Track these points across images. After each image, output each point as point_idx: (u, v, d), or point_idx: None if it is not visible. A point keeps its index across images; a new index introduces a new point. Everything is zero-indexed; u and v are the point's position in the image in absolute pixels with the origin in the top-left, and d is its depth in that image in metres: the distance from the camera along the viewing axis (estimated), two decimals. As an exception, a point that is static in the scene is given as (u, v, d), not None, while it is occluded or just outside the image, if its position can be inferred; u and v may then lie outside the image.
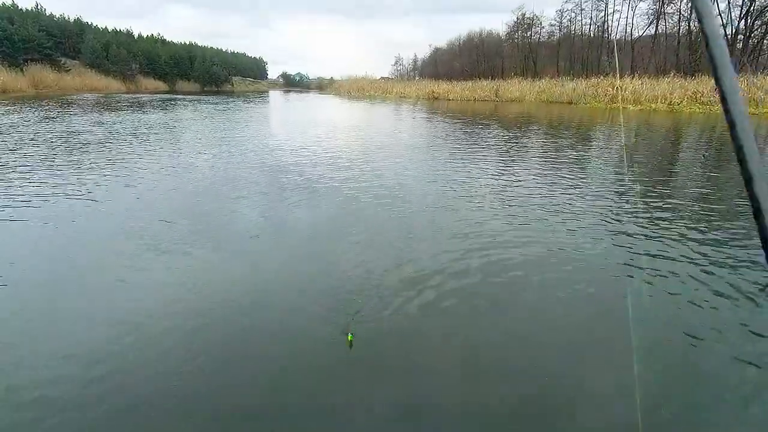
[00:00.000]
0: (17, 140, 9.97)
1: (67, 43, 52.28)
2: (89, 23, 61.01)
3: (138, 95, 38.59)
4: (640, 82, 28.41)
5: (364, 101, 37.84)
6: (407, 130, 15.26)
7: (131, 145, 9.89)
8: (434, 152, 10.01)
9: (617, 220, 4.94)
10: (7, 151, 8.56)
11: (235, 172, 7.36)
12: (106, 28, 64.22)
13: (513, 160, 8.87)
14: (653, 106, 24.76)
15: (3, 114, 16.06)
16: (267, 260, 3.84)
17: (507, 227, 4.70)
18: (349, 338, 2.30)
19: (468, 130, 14.32)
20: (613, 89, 28.22)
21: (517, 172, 7.60)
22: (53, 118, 15.50)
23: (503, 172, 7.64)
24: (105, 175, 6.80)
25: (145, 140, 10.75)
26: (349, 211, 5.27)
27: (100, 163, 7.72)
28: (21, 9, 50.79)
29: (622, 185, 6.70)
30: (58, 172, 6.96)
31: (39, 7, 54.69)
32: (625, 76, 31.58)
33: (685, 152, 10.51)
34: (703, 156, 9.76)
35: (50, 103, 22.73)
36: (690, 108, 23.20)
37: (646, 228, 4.68)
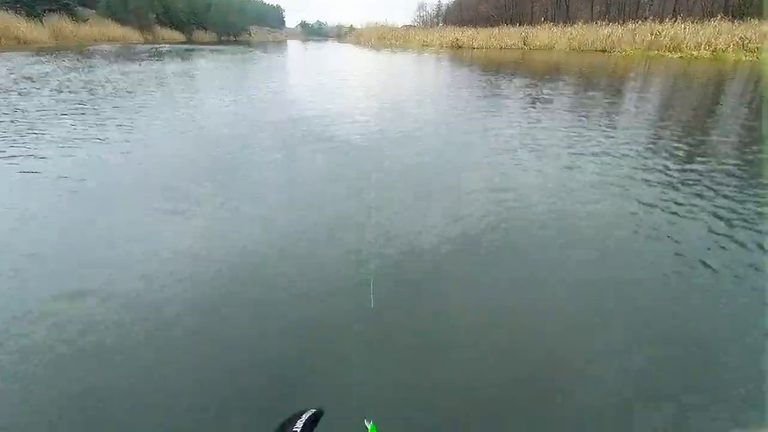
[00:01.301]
0: (51, 89, 10.05)
1: (83, -9, 51.23)
2: (104, -30, 59.40)
3: (156, 45, 38.10)
4: (682, 26, 26.29)
5: (385, 51, 36.44)
6: (425, 85, 14.71)
7: (156, 96, 9.86)
8: (451, 107, 9.65)
9: (644, 180, 4.71)
10: (42, 100, 8.64)
11: (257, 122, 7.28)
12: (121, -25, 62.47)
13: (537, 115, 8.48)
14: (695, 53, 23.03)
15: (31, 65, 16.14)
16: (289, 208, 3.84)
17: (530, 179, 4.56)
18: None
19: (491, 84, 13.70)
20: (651, 35, 26.25)
21: (541, 127, 7.27)
22: (79, 68, 15.51)
23: (526, 126, 7.32)
24: (131, 126, 6.83)
25: (168, 90, 10.69)
26: (369, 160, 5.18)
27: (126, 114, 7.75)
28: (35, -45, 49.67)
29: (653, 142, 6.35)
30: (89, 121, 7.03)
31: (53, -47, 53.32)
32: (667, 19, 29.25)
33: (724, 106, 9.83)
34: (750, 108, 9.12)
35: (72, 54, 22.69)
36: (736, 55, 21.48)
37: (672, 187, 4.46)
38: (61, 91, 10.12)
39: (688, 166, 5.05)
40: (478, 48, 37.07)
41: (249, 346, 2.26)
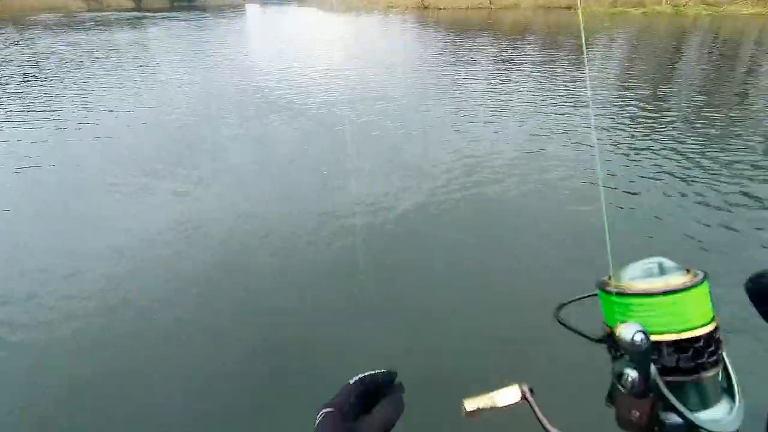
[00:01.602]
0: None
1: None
2: (34, -71, 53.95)
3: (102, 13, 35.39)
4: (645, -18, 26.35)
5: (349, 13, 35.13)
6: (393, 47, 14.33)
7: (105, 69, 9.20)
8: (419, 67, 9.46)
9: (603, 129, 4.79)
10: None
11: (217, 96, 6.93)
12: (53, -66, 56.95)
13: (503, 76, 8.42)
14: (657, 8, 23.21)
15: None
16: (263, 177, 3.72)
17: (492, 137, 4.55)
18: None
19: (457, 44, 13.46)
20: (615, -10, 26.18)
21: (505, 85, 7.24)
22: (18, 41, 14.24)
23: (492, 85, 7.27)
24: (79, 102, 6.37)
25: (117, 62, 9.98)
26: (334, 125, 5.04)
27: (73, 89, 7.21)
28: None
29: (611, 99, 6.43)
30: (36, 100, 6.51)
31: None
32: (630, -26, 29.17)
33: (682, 63, 10.01)
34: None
35: (9, 26, 20.82)
36: (696, 9, 21.79)
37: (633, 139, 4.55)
38: (3, 67, 9.32)
39: (646, 114, 5.15)
40: (444, 9, 36.19)
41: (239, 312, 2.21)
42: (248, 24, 27.15)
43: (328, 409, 0.47)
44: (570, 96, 6.54)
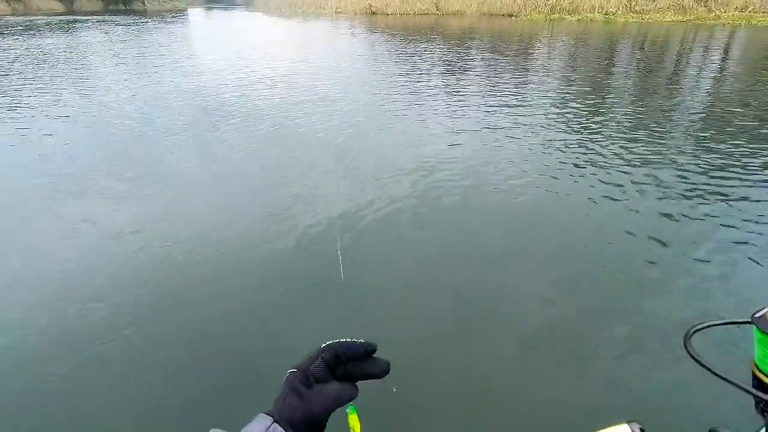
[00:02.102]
0: None
1: None
2: (-56, -75, 49.43)
3: (29, 17, 32.94)
4: (577, -9, 28.08)
5: (297, 18, 34.82)
6: (345, 52, 14.36)
7: (34, 75, 8.57)
8: (371, 71, 9.56)
9: (545, 127, 5.07)
10: None
11: (158, 109, 6.65)
12: (-32, -69, 52.43)
13: (450, 79, 8.68)
14: (590, 15, 24.77)
15: None
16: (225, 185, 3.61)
17: (447, 141, 4.69)
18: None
19: (408, 48, 13.72)
20: (552, -1, 27.73)
21: (455, 89, 7.47)
22: None
23: (442, 89, 7.48)
24: (8, 111, 5.90)
25: (47, 71, 9.32)
26: (290, 132, 5.00)
27: (9, 99, 6.67)
28: None
29: (555, 98, 6.81)
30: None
31: None
32: (565, -17, 30.95)
33: (612, 65, 10.76)
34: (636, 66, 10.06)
35: None
36: (625, 18, 23.47)
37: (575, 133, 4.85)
38: None
39: (578, 112, 5.51)
40: (392, 14, 36.71)
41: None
42: (190, 29, 26.25)
43: (293, 369, 0.46)
44: (514, 96, 6.84)
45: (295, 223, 3.19)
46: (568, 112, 5.83)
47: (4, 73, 9.04)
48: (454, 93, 7.31)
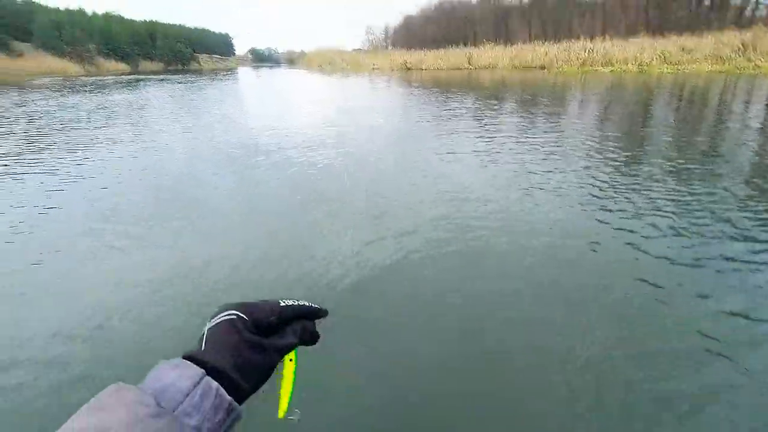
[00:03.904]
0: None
1: (16, 24, 49.01)
2: (37, 2, 57.34)
3: (100, 78, 36.78)
4: (611, 43, 28.62)
5: (336, 75, 37.05)
6: (382, 104, 15.09)
7: (103, 127, 9.54)
8: (407, 123, 9.98)
9: (588, 184, 5.10)
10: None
11: (208, 151, 7.22)
12: (57, 8, 60.53)
13: (486, 129, 8.93)
14: (624, 67, 25.03)
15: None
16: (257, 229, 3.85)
17: (483, 191, 4.80)
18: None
19: (440, 100, 14.26)
20: (585, 52, 28.33)
21: (490, 139, 7.67)
22: (22, 103, 14.71)
23: (478, 139, 7.70)
24: (79, 158, 6.57)
25: (113, 120, 10.35)
26: (329, 181, 5.27)
27: (74, 146, 7.46)
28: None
29: (596, 151, 6.85)
30: (37, 156, 6.70)
31: (-20, -14, 50.91)
32: (596, 37, 31.70)
33: (654, 114, 10.75)
34: (674, 120, 10.03)
35: (5, 90, 21.50)
36: (660, 68, 23.54)
37: (616, 192, 4.85)
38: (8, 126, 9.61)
39: (618, 164, 5.51)
40: (426, 69, 38.42)
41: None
42: (240, 84, 28.38)
43: (240, 315, 0.42)
44: (547, 146, 6.95)
45: (319, 262, 3.34)
46: (603, 162, 5.85)
47: (77, 124, 10.09)
48: (486, 140, 7.52)
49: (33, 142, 8.25)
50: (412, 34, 61.78)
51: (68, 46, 50.84)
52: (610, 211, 4.18)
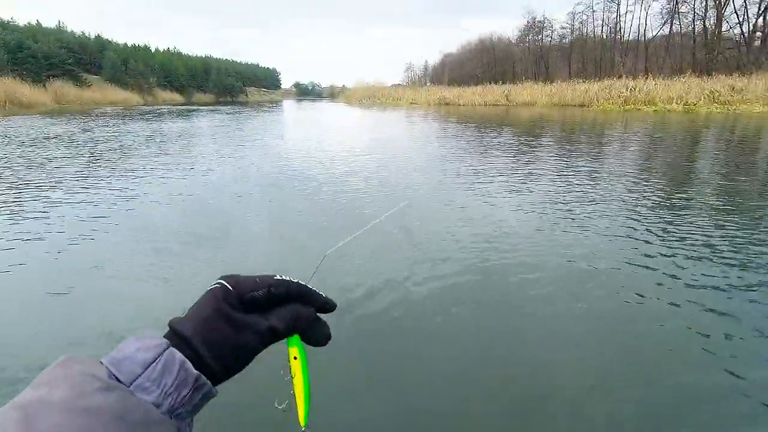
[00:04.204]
0: (61, 150, 10.40)
1: (88, 58, 54.02)
2: (109, 39, 63.15)
3: (156, 107, 39.61)
4: (654, 83, 28.10)
5: (375, 108, 38.17)
6: (419, 135, 15.38)
7: (158, 152, 10.25)
8: (442, 155, 10.10)
9: (630, 227, 4.96)
10: (49, 161, 8.93)
11: (250, 176, 7.58)
12: (125, 43, 66.39)
13: (523, 162, 8.90)
14: (668, 107, 24.42)
15: (46, 126, 16.73)
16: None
17: (519, 227, 4.77)
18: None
19: (479, 134, 14.38)
20: (626, 90, 27.93)
21: (528, 174, 7.64)
22: (90, 128, 16.09)
23: (514, 173, 7.69)
24: (122, 179, 7.08)
25: (165, 146, 11.10)
26: (361, 207, 5.40)
27: (133, 169, 8.06)
28: (44, 27, 52.87)
29: (637, 192, 6.69)
30: (98, 178, 7.28)
31: (61, 24, 56.76)
32: (639, 77, 31.27)
33: (706, 155, 10.39)
34: (733, 162, 9.65)
35: (75, 117, 23.54)
36: (708, 108, 22.82)
37: (660, 235, 4.70)
38: (84, 147, 10.51)
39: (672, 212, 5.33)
40: (464, 105, 38.93)
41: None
42: (285, 116, 29.74)
43: (224, 283, 0.38)
44: (586, 184, 6.85)
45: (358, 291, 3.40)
46: (646, 205, 5.66)
47: (133, 148, 10.87)
48: (523, 177, 7.49)
49: (95, 164, 8.94)
50: (451, 71, 63.16)
51: (131, 79, 55.33)
52: (649, 256, 4.05)
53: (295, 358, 0.40)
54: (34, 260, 4.01)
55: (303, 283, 0.41)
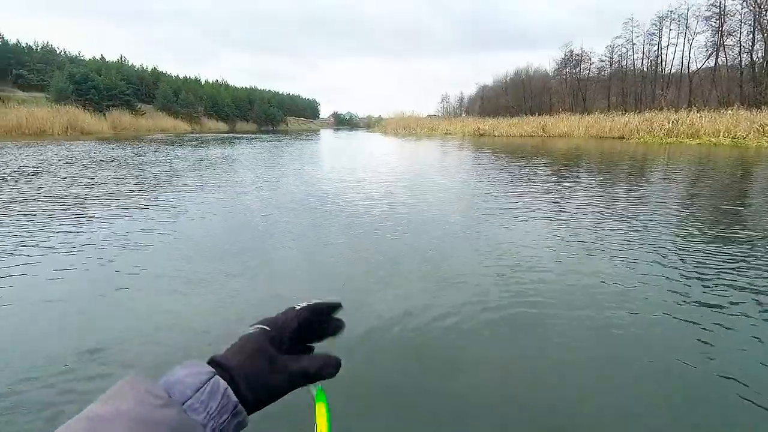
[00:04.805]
0: (130, 165, 11.24)
1: (144, 89, 58.20)
2: (164, 72, 68.01)
3: (202, 135, 41.94)
4: (699, 115, 27.18)
5: (410, 138, 38.77)
6: (452, 164, 15.48)
7: (201, 175, 10.85)
8: (473, 184, 10.13)
9: (670, 266, 4.80)
10: (119, 174, 9.67)
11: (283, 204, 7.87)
12: (178, 75, 71.28)
13: (556, 194, 8.79)
14: (714, 140, 23.50)
15: (107, 150, 18.12)
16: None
17: (551, 261, 4.71)
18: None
19: (511, 166, 14.32)
20: (668, 123, 27.14)
21: (561, 206, 7.54)
22: (143, 153, 17.27)
23: (546, 203, 7.60)
24: (162, 200, 7.53)
25: (209, 170, 11.74)
26: (391, 237, 5.49)
27: (171, 191, 8.58)
28: (108, 61, 57.70)
29: (677, 228, 6.47)
30: (156, 196, 7.80)
31: (123, 58, 61.71)
32: (682, 109, 30.38)
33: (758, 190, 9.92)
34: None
35: (128, 142, 25.28)
36: (757, 141, 21.79)
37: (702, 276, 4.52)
38: (142, 168, 11.30)
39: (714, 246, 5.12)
40: (498, 136, 38.92)
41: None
42: (321, 144, 30.69)
43: (264, 327, 0.43)
44: (625, 219, 6.70)
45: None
46: (690, 243, 5.45)
47: (179, 171, 11.54)
48: (559, 210, 7.41)
49: (146, 186, 9.54)
50: (487, 102, 63.57)
51: (182, 108, 59.01)
52: (680, 294, 3.91)
53: (315, 398, 0.42)
54: (85, 267, 4.32)
55: (317, 302, 0.45)
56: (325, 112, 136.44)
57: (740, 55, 37.84)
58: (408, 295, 3.74)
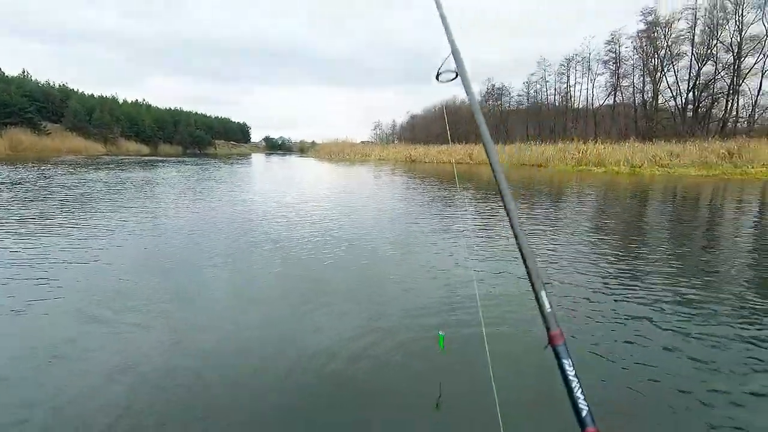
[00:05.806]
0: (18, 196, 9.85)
1: (50, 107, 53.15)
2: (75, 89, 62.77)
3: (119, 157, 38.85)
4: (603, 147, 30.38)
5: (344, 163, 38.98)
6: (385, 190, 15.68)
7: (113, 201, 9.90)
8: (404, 208, 10.30)
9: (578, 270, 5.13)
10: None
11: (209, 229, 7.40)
12: (92, 94, 66.17)
13: (482, 216, 9.18)
14: (616, 168, 26.26)
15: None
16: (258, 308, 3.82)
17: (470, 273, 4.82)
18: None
19: (440, 192, 14.82)
20: (579, 153, 30.01)
21: (485, 226, 7.86)
22: (39, 177, 15.43)
23: (470, 224, 7.89)
24: (74, 229, 6.75)
25: (123, 195, 10.77)
26: (321, 265, 5.33)
27: (73, 217, 7.69)
28: (6, 76, 52.11)
29: (585, 243, 6.98)
30: (53, 229, 6.88)
31: (25, 73, 56.17)
32: (590, 140, 33.75)
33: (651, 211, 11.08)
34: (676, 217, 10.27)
35: (34, 165, 22.66)
36: (651, 170, 24.69)
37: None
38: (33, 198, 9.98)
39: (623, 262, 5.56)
40: (429, 162, 40.45)
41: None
42: (252, 168, 29.79)
43: None
44: (543, 238, 7.09)
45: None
46: (600, 260, 5.89)
47: (90, 197, 10.47)
48: (481, 234, 7.67)
49: (50, 212, 8.51)
50: (417, 131, 66.16)
51: (95, 128, 54.56)
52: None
53: None
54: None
55: None
56: (256, 137, 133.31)
57: (634, 95, 43.30)
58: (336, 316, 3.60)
